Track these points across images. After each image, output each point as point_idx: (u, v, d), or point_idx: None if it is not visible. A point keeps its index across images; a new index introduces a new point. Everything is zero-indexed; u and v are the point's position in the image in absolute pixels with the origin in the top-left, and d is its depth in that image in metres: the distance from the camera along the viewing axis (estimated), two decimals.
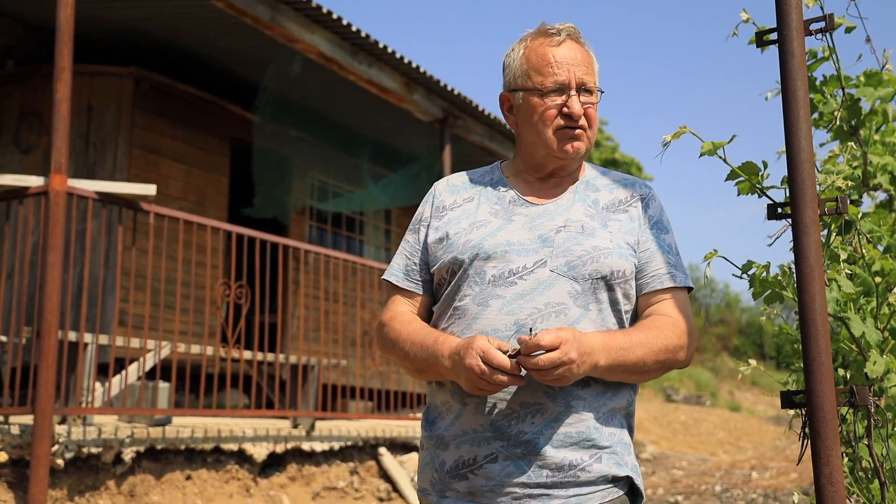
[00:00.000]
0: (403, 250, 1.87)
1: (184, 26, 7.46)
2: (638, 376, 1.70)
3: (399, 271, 1.86)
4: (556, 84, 1.74)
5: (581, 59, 1.77)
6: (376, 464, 6.92)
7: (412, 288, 1.84)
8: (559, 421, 1.64)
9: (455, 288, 1.74)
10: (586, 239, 1.71)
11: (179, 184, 8.12)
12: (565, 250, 1.70)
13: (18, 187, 4.99)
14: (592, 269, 1.69)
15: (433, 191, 1.90)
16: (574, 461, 1.64)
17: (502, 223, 1.76)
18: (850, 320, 1.91)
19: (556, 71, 1.75)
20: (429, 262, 1.82)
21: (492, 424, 1.65)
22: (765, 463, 12.37)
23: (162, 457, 5.34)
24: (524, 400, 1.64)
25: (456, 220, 1.80)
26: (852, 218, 2.04)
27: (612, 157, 28.28)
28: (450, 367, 1.62)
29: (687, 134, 1.91)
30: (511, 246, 1.72)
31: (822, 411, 1.50)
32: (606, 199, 1.81)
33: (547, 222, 1.75)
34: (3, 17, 7.38)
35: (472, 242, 1.73)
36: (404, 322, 1.79)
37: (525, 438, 1.63)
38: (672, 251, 1.80)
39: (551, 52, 1.76)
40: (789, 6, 1.65)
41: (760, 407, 26.71)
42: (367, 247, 10.65)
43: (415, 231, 1.87)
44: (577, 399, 1.65)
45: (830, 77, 2.39)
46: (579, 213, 1.76)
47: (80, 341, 4.98)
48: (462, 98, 8.55)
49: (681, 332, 1.71)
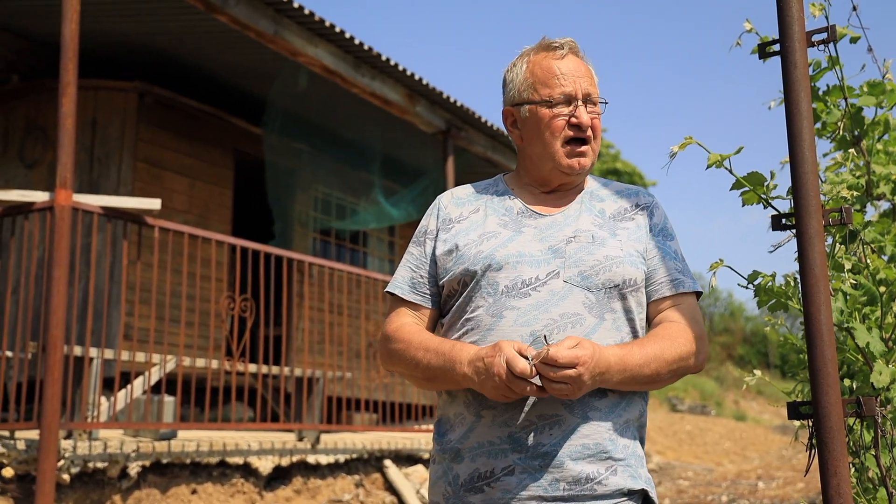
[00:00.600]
0: (408, 262, 1.87)
1: (187, 41, 7.50)
2: (650, 386, 1.71)
3: (404, 283, 1.85)
4: (564, 95, 1.76)
5: (584, 71, 1.80)
6: (381, 476, 6.90)
7: (418, 300, 1.83)
8: (576, 432, 1.64)
9: (467, 299, 1.74)
10: (597, 249, 1.72)
11: (183, 197, 8.14)
12: (577, 261, 1.70)
13: (24, 203, 5.01)
14: (605, 279, 1.70)
15: (437, 204, 1.90)
16: (591, 474, 1.63)
17: (512, 234, 1.76)
18: (855, 330, 1.91)
19: (562, 82, 1.77)
20: (437, 275, 1.82)
21: (509, 436, 1.65)
22: (771, 473, 12.32)
23: (167, 471, 5.33)
24: (542, 412, 1.64)
25: (465, 231, 1.80)
26: (857, 228, 2.04)
27: (613, 167, 28.29)
28: (470, 374, 1.61)
29: (690, 143, 1.91)
30: (522, 257, 1.72)
31: (829, 422, 1.50)
32: (612, 209, 1.82)
33: (556, 233, 1.75)
34: (8, 33, 7.42)
35: (483, 253, 1.73)
36: (412, 332, 1.78)
37: (543, 450, 1.63)
38: (678, 257, 1.82)
39: (556, 65, 1.79)
40: (792, 18, 1.65)
41: (766, 416, 26.62)
42: (371, 259, 10.66)
43: (420, 244, 1.87)
44: (594, 410, 1.65)
45: (833, 87, 2.39)
46: (588, 224, 1.77)
47: (86, 356, 4.99)
48: (465, 109, 8.57)
49: (692, 337, 1.73)
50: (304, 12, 6.47)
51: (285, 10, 6.46)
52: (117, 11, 6.96)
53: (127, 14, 7.02)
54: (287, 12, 6.49)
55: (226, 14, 6.13)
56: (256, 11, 6.31)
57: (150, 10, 6.90)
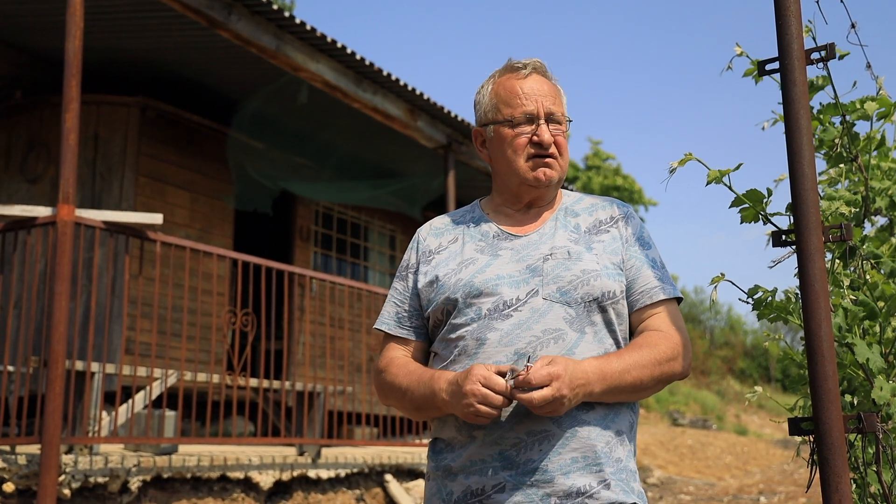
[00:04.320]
0: (393, 298, 1.92)
1: (190, 56, 7.54)
2: (636, 395, 1.72)
3: (390, 319, 1.90)
4: (525, 115, 1.80)
5: (547, 90, 1.83)
6: (382, 491, 6.89)
7: (404, 335, 1.88)
8: (566, 446, 1.65)
9: (451, 327, 1.77)
10: (574, 264, 1.75)
11: (185, 211, 8.16)
12: (555, 277, 1.73)
13: (26, 217, 5.03)
14: (584, 293, 1.72)
15: (417, 237, 1.95)
16: (582, 488, 1.64)
17: (489, 259, 1.80)
18: (856, 346, 1.92)
19: (524, 102, 1.81)
20: (422, 307, 1.86)
21: (500, 454, 1.66)
22: (773, 487, 12.28)
23: (168, 486, 5.33)
24: (531, 428, 1.66)
25: (444, 262, 1.84)
26: (856, 244, 2.05)
27: (614, 182, 28.28)
28: (448, 399, 1.65)
29: (690, 159, 1.93)
30: (501, 280, 1.75)
31: (830, 438, 1.50)
32: (587, 223, 1.85)
33: (533, 252, 1.78)
34: (11, 49, 7.46)
35: (462, 281, 1.77)
36: (400, 365, 1.83)
37: (533, 466, 1.64)
38: (657, 265, 1.84)
39: (518, 85, 1.83)
40: (790, 36, 1.67)
41: (767, 430, 26.55)
42: (372, 273, 10.67)
43: (403, 279, 1.92)
44: (582, 424, 1.67)
45: (828, 105, 2.41)
46: (563, 240, 1.80)
47: (87, 370, 4.99)
48: (465, 124, 8.60)
49: (675, 343, 1.74)
50: (306, 28, 6.51)
51: (287, 26, 6.50)
52: (120, 27, 7.00)
53: (130, 30, 7.06)
54: (289, 28, 6.53)
55: (228, 30, 6.16)
56: (259, 27, 6.35)
57: (152, 26, 6.93)
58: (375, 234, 10.78)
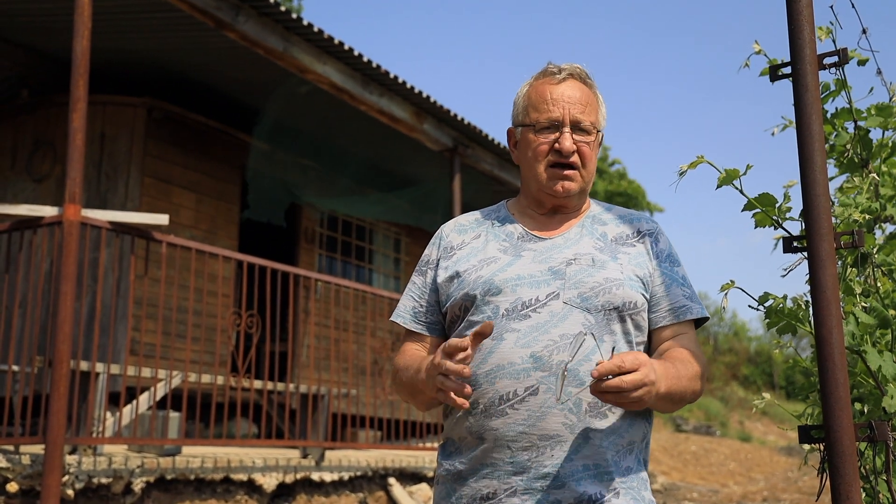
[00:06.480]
0: (411, 292, 1.91)
1: (197, 57, 7.54)
2: (676, 405, 1.70)
3: (406, 313, 1.89)
4: (549, 121, 1.79)
5: (579, 98, 1.80)
6: (385, 494, 6.87)
7: (419, 329, 1.87)
8: (578, 453, 1.64)
9: (468, 324, 1.76)
10: (597, 271, 1.73)
11: (190, 212, 8.16)
12: (577, 282, 1.71)
13: (32, 217, 5.03)
14: (605, 301, 1.70)
15: (440, 233, 1.94)
16: (593, 495, 1.63)
17: (512, 259, 1.78)
18: (867, 353, 1.90)
19: (550, 108, 1.79)
20: (440, 302, 1.85)
21: (512, 458, 1.65)
22: (777, 495, 12.23)
23: (171, 487, 5.32)
24: (543, 431, 1.64)
25: (465, 258, 1.83)
26: (868, 251, 2.03)
27: (620, 187, 28.27)
28: (424, 378, 1.65)
29: (702, 162, 1.91)
30: (522, 280, 1.73)
31: (841, 447, 1.49)
32: (614, 233, 1.83)
33: (556, 255, 1.77)
34: (18, 48, 7.47)
35: (482, 278, 1.75)
36: (404, 356, 1.84)
37: (545, 471, 1.63)
38: (686, 283, 1.83)
39: (549, 90, 1.81)
40: (803, 41, 1.65)
41: (771, 437, 26.48)
42: (377, 275, 10.66)
43: (422, 273, 1.90)
44: (595, 431, 1.65)
45: (841, 110, 2.40)
46: (588, 247, 1.78)
47: (92, 370, 4.99)
48: (471, 127, 8.60)
49: (703, 363, 1.75)
50: (313, 30, 6.51)
51: (294, 28, 6.50)
52: (127, 28, 7.01)
53: (137, 30, 7.07)
54: (296, 30, 6.53)
55: (235, 31, 6.16)
56: (266, 29, 6.35)
57: (160, 26, 6.94)
58: (380, 237, 10.77)
